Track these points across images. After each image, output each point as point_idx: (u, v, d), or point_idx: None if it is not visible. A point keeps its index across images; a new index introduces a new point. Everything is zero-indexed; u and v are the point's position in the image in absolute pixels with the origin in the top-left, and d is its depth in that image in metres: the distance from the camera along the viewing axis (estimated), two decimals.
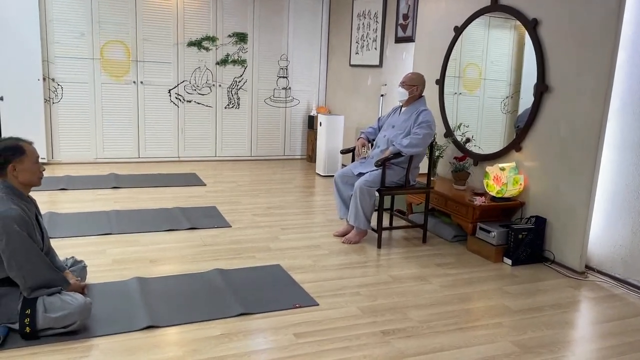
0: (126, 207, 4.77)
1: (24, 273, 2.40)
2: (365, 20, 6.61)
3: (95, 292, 2.94)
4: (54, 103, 6.44)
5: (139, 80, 6.75)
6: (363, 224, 4.04)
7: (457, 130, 4.76)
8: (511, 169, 4.01)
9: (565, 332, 2.84)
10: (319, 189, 6.08)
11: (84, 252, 3.52)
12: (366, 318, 2.85)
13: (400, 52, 5.94)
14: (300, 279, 3.32)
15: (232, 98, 7.31)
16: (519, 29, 4.36)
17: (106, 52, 6.55)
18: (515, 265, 3.78)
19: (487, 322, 2.89)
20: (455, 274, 3.58)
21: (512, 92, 4.58)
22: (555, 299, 3.24)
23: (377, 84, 6.40)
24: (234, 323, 2.72)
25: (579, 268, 3.65)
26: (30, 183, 2.55)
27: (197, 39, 6.94)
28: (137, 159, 6.91)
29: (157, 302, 2.89)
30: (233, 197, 5.36)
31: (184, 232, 4.17)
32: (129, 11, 6.56)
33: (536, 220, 3.87)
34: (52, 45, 6.30)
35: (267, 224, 4.51)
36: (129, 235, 4.01)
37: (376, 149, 4.20)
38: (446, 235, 4.37)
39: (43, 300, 2.44)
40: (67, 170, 6.12)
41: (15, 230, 2.38)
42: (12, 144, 2.49)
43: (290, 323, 2.75)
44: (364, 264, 3.71)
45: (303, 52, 7.59)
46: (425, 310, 3.00)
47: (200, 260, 3.58)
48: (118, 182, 5.69)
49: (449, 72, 4.95)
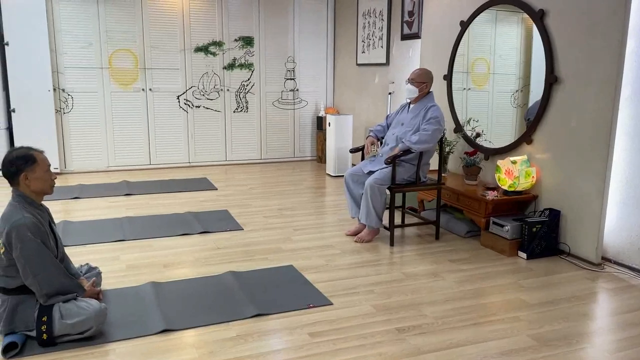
0: (139, 213, 4.80)
1: (39, 280, 2.43)
2: (370, 18, 6.60)
3: (110, 298, 2.96)
4: (65, 113, 6.51)
5: (147, 88, 6.80)
6: (375, 222, 4.03)
7: (466, 125, 4.73)
8: (523, 162, 3.98)
9: (584, 324, 2.81)
10: (330, 189, 6.07)
11: (98, 258, 3.55)
12: (381, 316, 2.84)
13: (407, 49, 5.92)
14: (313, 279, 3.32)
15: (241, 102, 7.33)
16: (526, 22, 4.33)
17: (114, 61, 6.61)
18: (530, 258, 3.74)
19: (503, 316, 2.86)
20: (469, 270, 3.55)
21: (522, 85, 4.54)
22: (572, 292, 3.20)
23: (385, 82, 6.38)
24: (248, 324, 2.72)
25: (595, 259, 3.60)
26: (42, 191, 2.58)
27: (203, 44, 6.98)
28: (148, 165, 6.95)
29: (172, 306, 2.90)
30: (244, 200, 5.37)
31: (196, 236, 4.19)
32: (135, 19, 6.61)
33: (550, 213, 3.83)
34: (61, 56, 6.37)
35: (279, 225, 4.52)
36: (142, 241, 4.04)
37: (385, 146, 4.19)
38: (459, 231, 4.34)
39: (59, 307, 2.47)
40: (80, 179, 6.18)
41: (30, 238, 2.40)
42: (23, 153, 2.52)
43: (305, 323, 2.75)
44: (377, 262, 3.70)
45: (309, 53, 7.60)
46: (440, 306, 2.97)
47: (214, 264, 3.59)
48: (130, 189, 5.73)
49: (456, 68, 4.93)
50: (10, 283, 2.47)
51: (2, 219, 2.48)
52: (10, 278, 2.46)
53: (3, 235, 2.42)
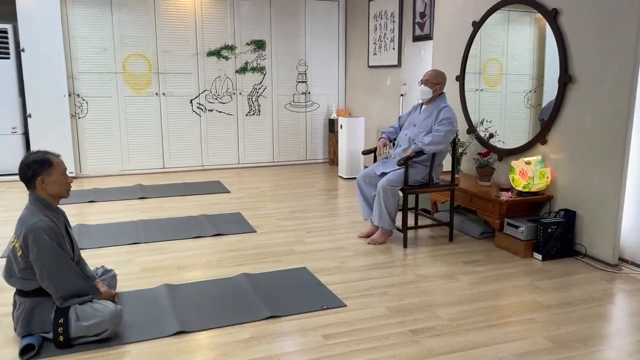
0: (153, 216, 4.84)
1: (56, 283, 2.45)
2: (382, 20, 6.60)
3: (125, 300, 2.98)
4: (80, 118, 6.58)
5: (161, 92, 6.86)
6: (388, 224, 4.02)
7: (480, 126, 4.70)
8: (537, 163, 3.94)
9: (601, 326, 2.77)
10: (342, 191, 6.07)
11: (113, 261, 3.58)
12: (394, 318, 2.83)
13: (419, 50, 5.90)
14: (326, 281, 3.31)
15: (253, 105, 7.36)
16: (538, 22, 4.30)
17: (128, 66, 6.68)
18: (545, 260, 3.71)
19: (519, 318, 2.84)
20: (484, 271, 3.53)
21: (536, 85, 4.51)
22: (588, 293, 3.16)
23: (397, 83, 6.37)
24: (262, 326, 2.73)
25: (612, 260, 3.55)
26: (58, 195, 2.60)
27: (216, 48, 7.02)
28: (162, 169, 7.00)
29: (186, 308, 2.91)
30: (257, 203, 5.39)
31: (210, 238, 4.21)
32: (148, 25, 6.67)
33: (565, 214, 3.79)
34: (76, 62, 6.45)
35: (291, 227, 4.52)
36: (156, 244, 4.06)
37: (398, 148, 4.18)
38: (473, 232, 4.31)
39: (75, 309, 2.49)
40: (95, 184, 6.24)
41: (46, 241, 2.43)
42: (40, 157, 2.55)
43: (319, 325, 2.74)
44: (390, 264, 3.68)
45: (321, 56, 7.61)
46: (454, 308, 2.95)
47: (227, 266, 3.60)
48: (144, 192, 5.77)
49: (469, 69, 4.90)
50: (27, 286, 2.50)
51: (19, 222, 2.51)
52: (27, 281, 2.49)
53: (20, 238, 2.45)
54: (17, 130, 6.38)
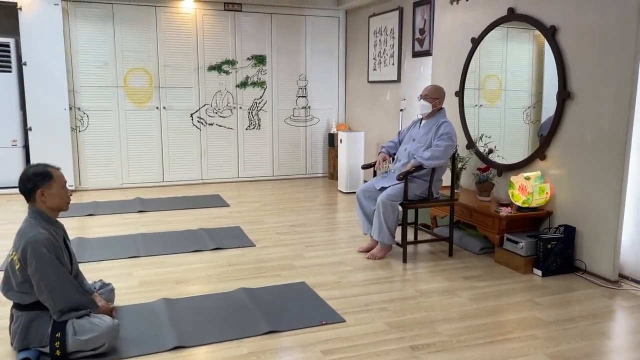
0: (152, 230, 4.83)
1: (53, 296, 2.44)
2: (382, 36, 6.65)
3: (123, 314, 2.96)
4: (80, 131, 6.60)
5: (161, 106, 6.89)
6: (387, 239, 4.01)
7: (479, 142, 4.71)
8: (536, 178, 3.95)
9: (602, 343, 2.75)
10: (342, 205, 6.06)
11: (111, 275, 3.56)
12: (394, 333, 2.81)
13: (418, 66, 5.94)
14: (325, 296, 3.30)
15: (253, 119, 7.39)
16: (537, 39, 4.33)
17: (129, 80, 6.71)
18: (545, 276, 3.69)
19: (519, 334, 2.82)
20: (484, 287, 3.51)
21: (534, 102, 4.53)
22: (589, 309, 3.15)
23: (397, 98, 6.40)
24: (261, 341, 2.71)
25: (612, 277, 3.54)
26: (58, 208, 2.60)
27: (217, 63, 7.07)
28: (161, 182, 7.01)
29: (185, 323, 2.89)
30: (257, 217, 5.38)
31: (209, 252, 4.19)
32: (150, 39, 6.72)
33: (565, 229, 3.79)
34: (77, 76, 6.49)
35: (291, 242, 4.51)
36: (155, 257, 4.05)
37: (397, 162, 4.18)
38: (473, 247, 4.30)
39: (72, 323, 2.47)
40: (94, 197, 6.24)
41: (44, 254, 2.42)
42: (40, 170, 2.55)
43: (318, 340, 2.72)
44: (390, 279, 3.67)
45: (321, 71, 7.66)
46: (454, 324, 2.94)
47: (226, 280, 3.58)
48: (144, 206, 5.77)
49: (468, 84, 4.93)
50: (24, 299, 2.49)
51: (18, 235, 2.51)
52: (25, 294, 2.48)
53: (19, 251, 2.44)
54: (17, 143, 6.40)
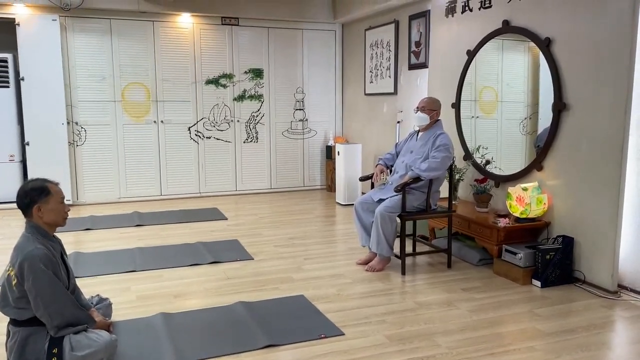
0: (149, 244, 4.81)
1: (50, 312, 2.42)
2: (378, 49, 6.70)
3: (120, 329, 2.94)
4: (78, 146, 6.60)
5: (159, 120, 6.90)
6: (386, 251, 4.00)
7: (476, 153, 4.73)
8: (534, 189, 3.96)
9: (602, 354, 2.74)
10: (340, 217, 6.06)
11: (109, 289, 3.55)
12: (393, 346, 2.79)
13: (415, 78, 5.98)
14: (324, 309, 3.28)
15: (251, 132, 7.40)
16: (532, 50, 4.37)
17: (127, 94, 6.73)
18: (544, 286, 3.68)
19: (519, 346, 2.80)
20: (483, 298, 3.50)
21: (531, 113, 4.56)
22: (588, 320, 3.14)
23: (393, 111, 6.43)
24: (260, 355, 2.69)
25: (611, 287, 3.54)
26: (55, 223, 2.59)
27: (214, 76, 7.10)
28: (159, 196, 7.00)
29: (183, 337, 2.87)
30: (254, 230, 5.37)
31: (206, 266, 4.18)
32: (147, 54, 6.75)
33: (563, 240, 3.79)
34: (75, 90, 6.51)
35: (289, 254, 4.50)
36: (152, 272, 4.03)
37: (395, 174, 4.19)
38: (471, 259, 4.29)
39: (69, 338, 2.45)
40: (92, 211, 6.22)
41: (41, 270, 2.41)
42: (38, 185, 2.54)
43: (317, 353, 2.71)
44: (389, 291, 3.65)
45: (318, 84, 7.69)
46: (454, 336, 2.92)
47: (224, 294, 3.57)
48: (141, 220, 5.75)
49: (464, 96, 4.96)
50: (21, 315, 2.47)
51: (15, 250, 2.49)
52: (22, 310, 2.46)
53: (16, 267, 2.42)
54: (14, 158, 6.40)
